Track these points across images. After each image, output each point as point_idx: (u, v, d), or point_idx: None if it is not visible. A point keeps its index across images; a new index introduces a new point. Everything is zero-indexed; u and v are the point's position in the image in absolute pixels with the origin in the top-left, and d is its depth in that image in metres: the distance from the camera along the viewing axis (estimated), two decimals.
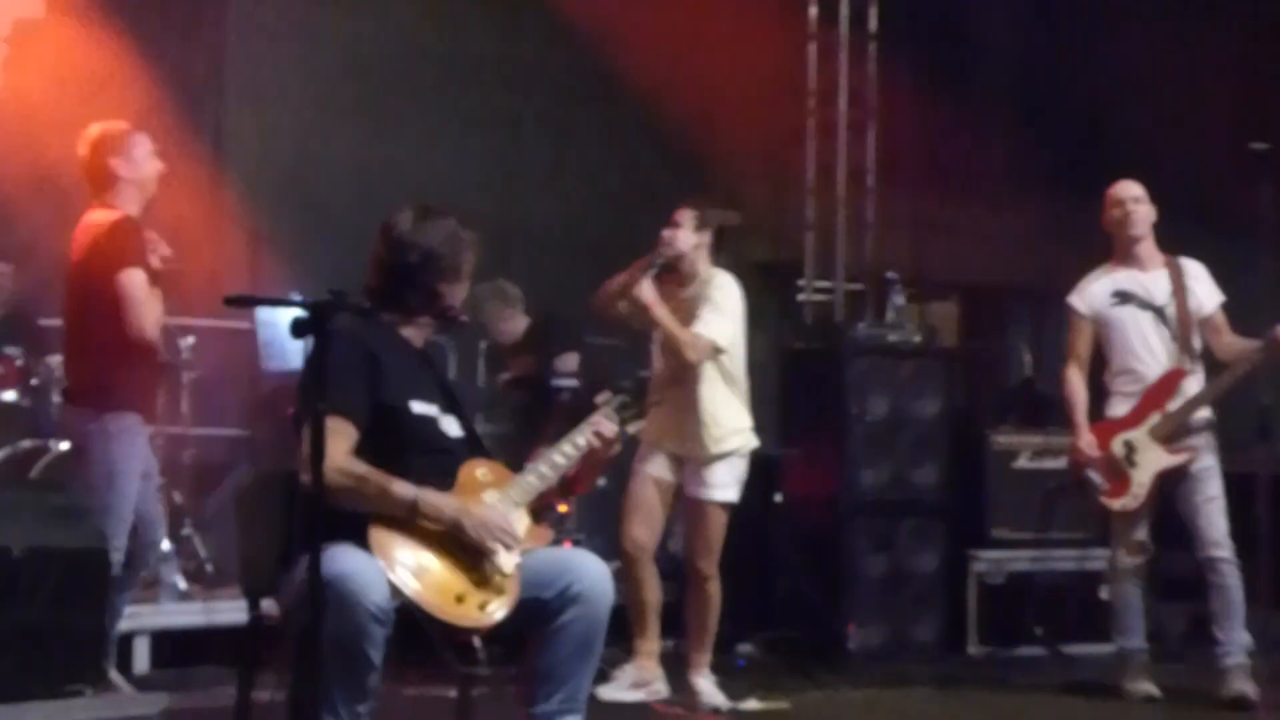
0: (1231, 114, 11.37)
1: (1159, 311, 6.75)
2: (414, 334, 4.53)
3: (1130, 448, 6.68)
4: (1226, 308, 6.87)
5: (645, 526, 6.24)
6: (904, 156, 10.14)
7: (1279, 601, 7.09)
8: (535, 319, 8.16)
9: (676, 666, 6.94)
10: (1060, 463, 8.06)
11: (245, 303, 4.92)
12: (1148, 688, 6.76)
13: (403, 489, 4.18)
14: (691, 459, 6.25)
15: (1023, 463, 8.36)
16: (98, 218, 5.57)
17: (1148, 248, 6.76)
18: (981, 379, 10.52)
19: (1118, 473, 6.71)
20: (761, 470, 7.76)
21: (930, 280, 10.12)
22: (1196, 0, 11.77)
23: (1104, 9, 11.98)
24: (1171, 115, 11.76)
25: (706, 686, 6.35)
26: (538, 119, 9.99)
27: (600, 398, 4.67)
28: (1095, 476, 6.82)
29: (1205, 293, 6.77)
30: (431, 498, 4.19)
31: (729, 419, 6.35)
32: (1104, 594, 7.60)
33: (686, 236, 6.18)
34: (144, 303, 5.49)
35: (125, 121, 5.77)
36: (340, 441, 4.14)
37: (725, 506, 6.29)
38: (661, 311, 6.11)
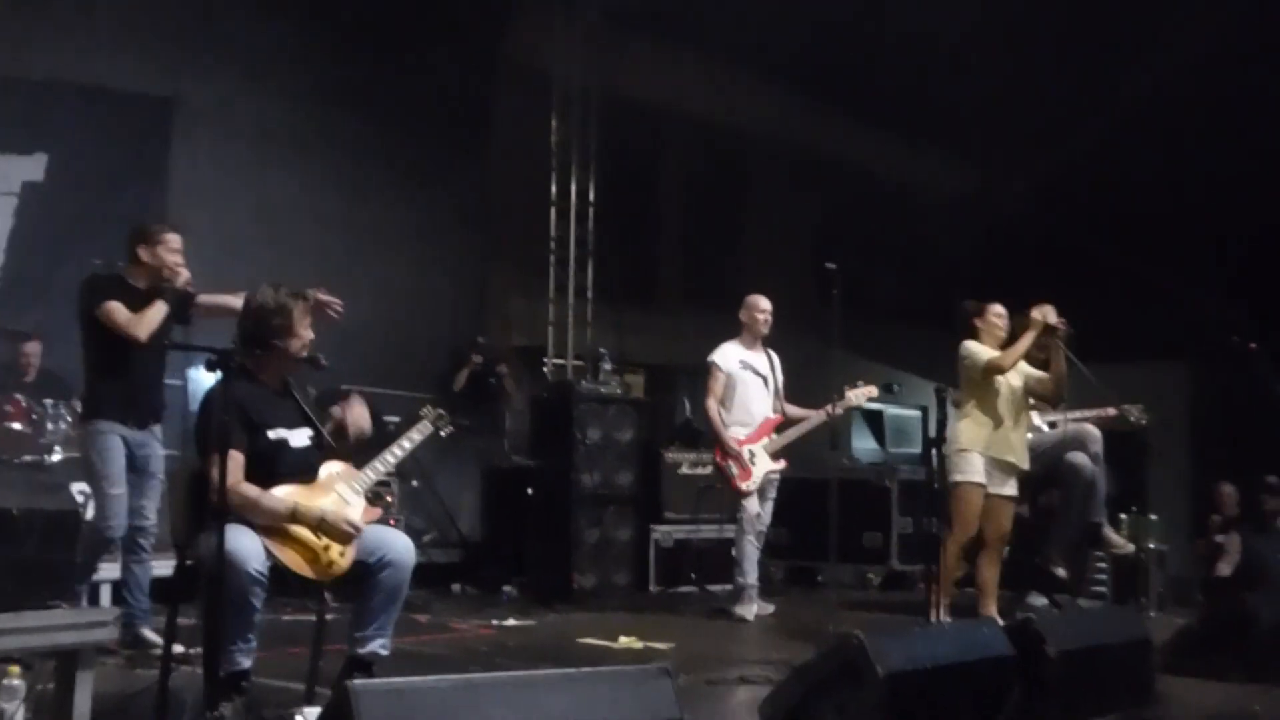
0: (811, 242, 12.94)
1: (764, 379, 7.82)
2: (268, 376, 4.69)
3: (752, 455, 7.75)
4: (809, 388, 8.00)
5: None
6: (611, 280, 11.33)
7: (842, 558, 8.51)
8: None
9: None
10: (707, 469, 8.77)
11: (179, 348, 5.85)
12: (755, 609, 7.74)
13: (279, 503, 4.37)
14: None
15: (684, 470, 9.48)
16: None
17: (763, 340, 7.82)
18: (659, 418, 10.95)
19: (744, 467, 7.68)
20: (519, 475, 8.99)
21: (627, 358, 10.58)
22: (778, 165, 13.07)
23: (729, 182, 13.38)
24: (769, 246, 13.20)
25: None
26: (345, 223, 10.29)
27: (424, 410, 5.02)
28: (733, 467, 7.69)
29: (778, 373, 7.86)
30: (302, 509, 4.41)
31: None
32: (734, 551, 7.98)
33: None
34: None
35: None
36: (236, 469, 4.39)
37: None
38: None
